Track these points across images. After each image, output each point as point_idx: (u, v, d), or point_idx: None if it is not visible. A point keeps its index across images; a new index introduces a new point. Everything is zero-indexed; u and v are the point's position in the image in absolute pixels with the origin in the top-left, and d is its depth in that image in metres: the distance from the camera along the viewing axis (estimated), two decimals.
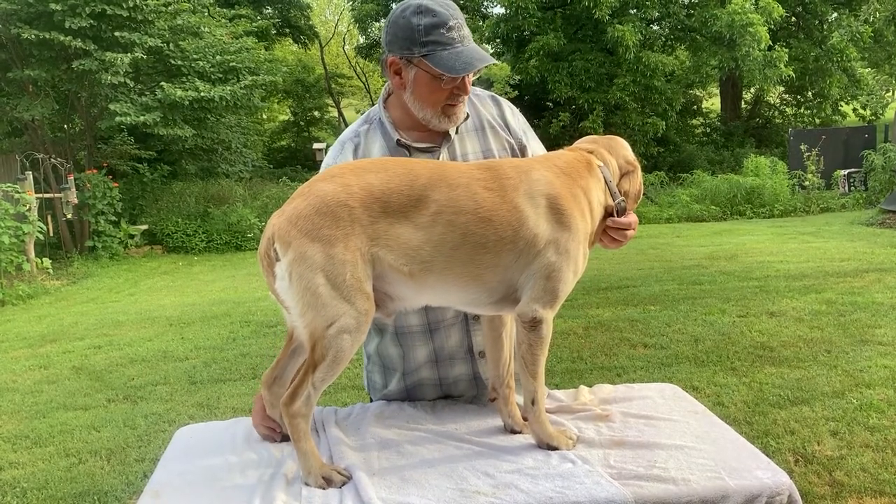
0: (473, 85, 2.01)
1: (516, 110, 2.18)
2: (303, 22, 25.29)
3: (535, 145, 2.14)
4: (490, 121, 2.09)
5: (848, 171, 16.01)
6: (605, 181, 1.87)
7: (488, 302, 1.77)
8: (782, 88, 22.52)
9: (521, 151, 2.09)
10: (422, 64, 1.86)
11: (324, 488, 1.63)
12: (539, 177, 1.75)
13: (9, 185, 10.40)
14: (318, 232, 1.60)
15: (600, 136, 2.07)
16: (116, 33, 12.56)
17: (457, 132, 2.03)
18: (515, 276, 1.73)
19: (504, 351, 1.91)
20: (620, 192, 1.92)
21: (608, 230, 1.90)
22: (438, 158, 2.00)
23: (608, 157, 1.93)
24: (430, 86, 1.89)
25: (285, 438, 1.87)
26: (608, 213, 1.88)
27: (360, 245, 1.62)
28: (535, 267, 1.71)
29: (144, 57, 13.09)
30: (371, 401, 2.25)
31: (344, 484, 1.64)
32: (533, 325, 1.73)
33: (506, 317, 1.90)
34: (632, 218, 1.92)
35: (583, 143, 2.00)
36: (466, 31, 1.89)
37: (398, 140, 1.99)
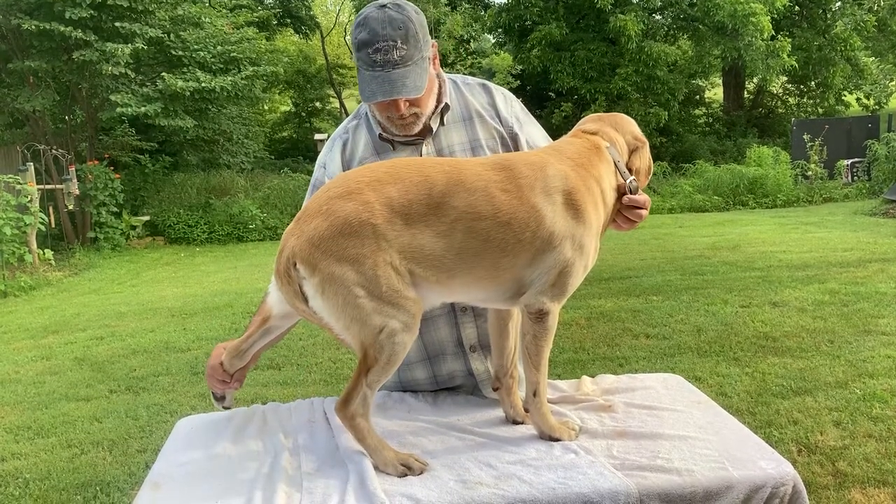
0: (473, 75, 1.99)
1: (511, 98, 2.11)
2: (304, 12, 25.17)
3: (531, 132, 2.07)
4: (478, 109, 2.04)
5: (851, 160, 15.97)
6: (615, 162, 1.83)
7: (502, 298, 1.76)
8: (785, 78, 22.41)
9: (513, 140, 2.03)
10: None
11: (404, 476, 1.61)
12: (554, 172, 1.71)
13: (10, 176, 10.38)
14: (343, 252, 1.56)
15: (605, 113, 2.01)
16: (117, 24, 12.52)
17: (442, 123, 2.00)
18: (529, 273, 1.70)
19: (510, 340, 1.90)
20: (630, 170, 1.87)
21: (622, 210, 1.84)
22: (422, 151, 1.98)
23: (615, 135, 1.89)
24: None
25: (220, 399, 1.94)
26: (621, 194, 1.83)
27: (388, 259, 1.59)
28: (549, 263, 1.69)
29: (145, 47, 13.03)
30: None
31: (422, 472, 1.63)
32: (539, 316, 1.72)
33: (513, 308, 1.88)
34: (644, 196, 1.86)
35: (587, 122, 1.94)
36: (397, 54, 1.78)
37: (380, 134, 1.98)
